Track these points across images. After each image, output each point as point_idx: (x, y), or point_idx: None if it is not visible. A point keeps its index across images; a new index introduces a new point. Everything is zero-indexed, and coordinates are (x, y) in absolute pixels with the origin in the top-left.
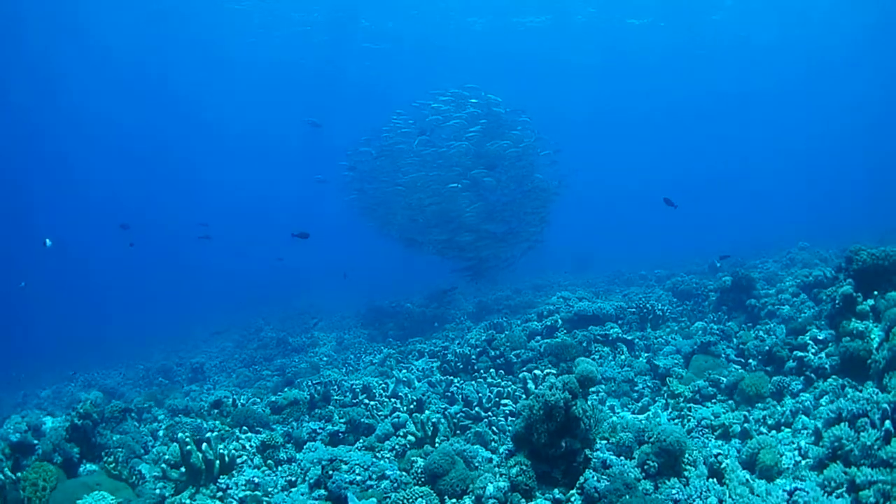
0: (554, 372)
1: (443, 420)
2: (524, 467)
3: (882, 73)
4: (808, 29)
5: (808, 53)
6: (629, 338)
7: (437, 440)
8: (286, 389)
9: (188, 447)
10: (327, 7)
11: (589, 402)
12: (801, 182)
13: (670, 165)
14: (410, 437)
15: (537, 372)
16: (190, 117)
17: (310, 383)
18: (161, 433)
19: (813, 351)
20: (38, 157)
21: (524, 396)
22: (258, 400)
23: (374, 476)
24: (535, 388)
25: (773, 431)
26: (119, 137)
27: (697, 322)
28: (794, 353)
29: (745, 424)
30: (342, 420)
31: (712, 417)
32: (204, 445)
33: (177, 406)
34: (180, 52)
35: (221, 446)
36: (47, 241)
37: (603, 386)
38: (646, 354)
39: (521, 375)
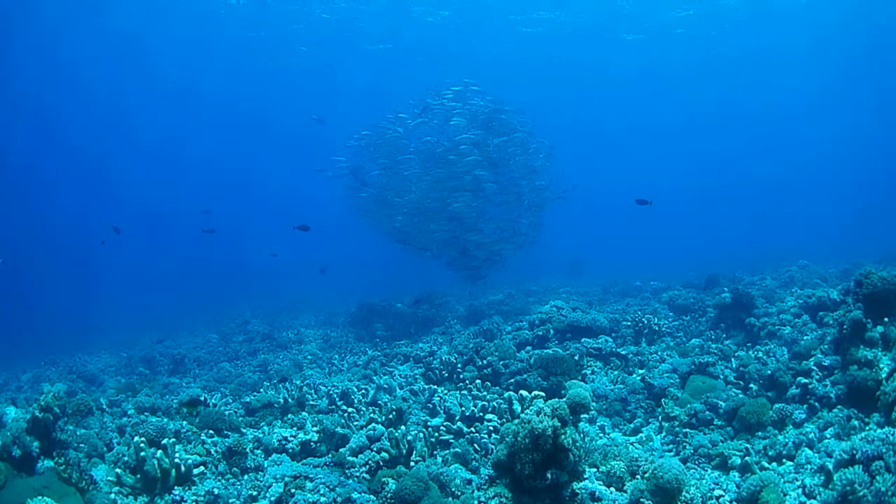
0: (542, 395)
1: (420, 437)
2: (504, 500)
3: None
4: (810, 45)
5: (814, 69)
6: (623, 352)
7: (412, 459)
8: (261, 390)
9: (143, 453)
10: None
11: (580, 430)
12: (800, 196)
13: (671, 175)
14: (384, 454)
15: (524, 392)
16: (186, 104)
17: (287, 386)
18: (128, 431)
19: (817, 377)
20: (42, 143)
21: (509, 416)
22: (230, 400)
23: (339, 499)
24: (521, 410)
25: (774, 464)
26: (122, 125)
27: (694, 339)
28: (798, 379)
29: (747, 458)
30: (315, 429)
31: (710, 445)
32: (160, 452)
33: (143, 403)
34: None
35: (180, 453)
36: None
37: (594, 403)
38: (640, 371)
39: (506, 395)
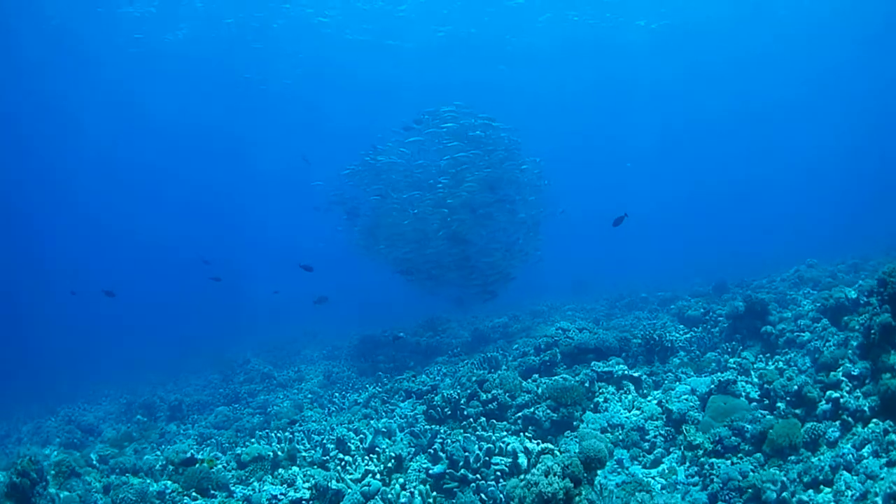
0: (551, 448)
1: (419, 494)
2: None
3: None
4: (809, 40)
5: (806, 64)
6: (636, 374)
7: None
8: (253, 441)
9: None
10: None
11: (597, 487)
12: (799, 194)
13: (664, 184)
14: None
15: (529, 445)
16: (173, 138)
17: (279, 434)
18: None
19: (847, 389)
20: (35, 189)
21: (514, 464)
22: (220, 454)
23: None
24: (528, 465)
25: (811, 492)
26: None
27: (709, 353)
28: (828, 393)
29: (784, 493)
30: (306, 485)
31: (740, 478)
32: None
33: (124, 464)
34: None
35: None
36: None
37: (609, 435)
38: (655, 393)
39: (510, 447)
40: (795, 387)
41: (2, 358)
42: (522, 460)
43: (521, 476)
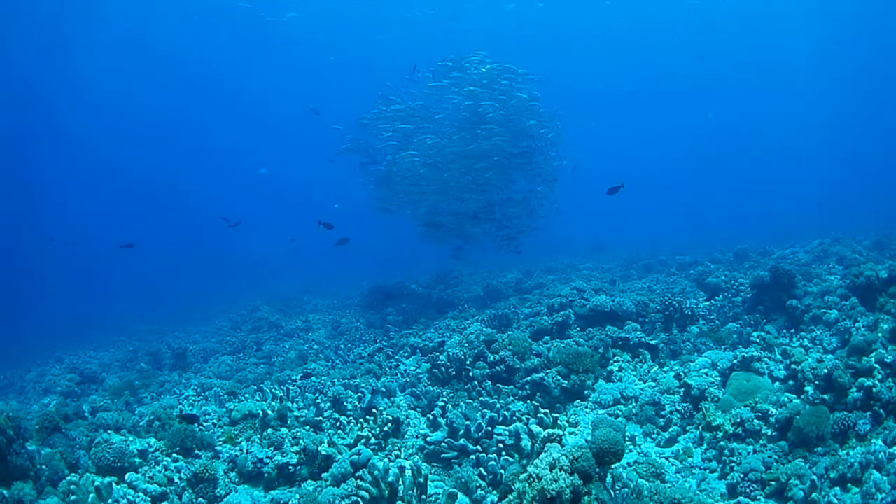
0: (559, 435)
1: (409, 470)
2: None
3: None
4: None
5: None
6: (653, 342)
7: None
8: (247, 397)
9: (73, 497)
10: None
11: (609, 483)
12: (815, 165)
13: (678, 147)
14: (364, 494)
15: (535, 427)
16: (205, 86)
17: (273, 391)
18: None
19: (879, 377)
20: (54, 139)
21: (517, 446)
22: (217, 408)
23: None
24: (532, 448)
25: (838, 490)
26: (134, 113)
27: (730, 323)
28: (860, 380)
29: (814, 494)
30: (294, 449)
31: (762, 469)
32: (92, 497)
33: (106, 421)
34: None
35: (139, 482)
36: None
37: (622, 407)
38: (672, 363)
39: (512, 427)
40: (825, 370)
41: (17, 308)
42: (526, 443)
43: (523, 462)
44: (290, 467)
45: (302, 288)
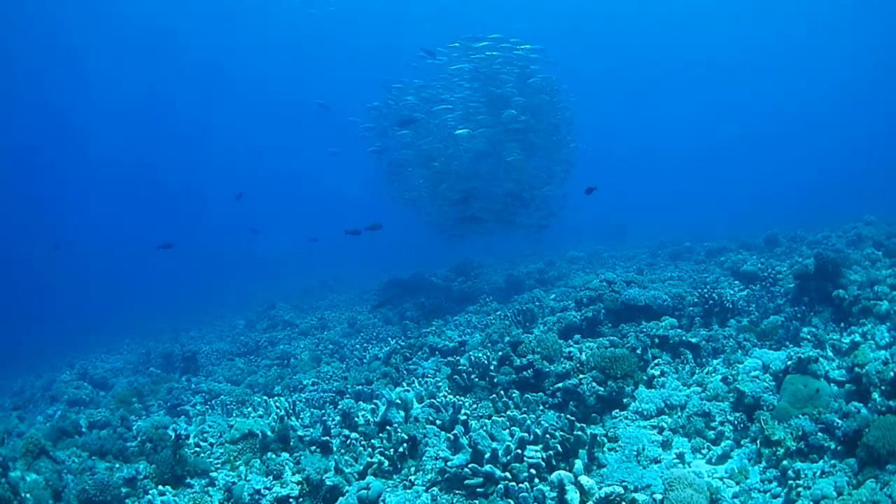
0: (620, 497)
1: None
2: None
3: None
4: None
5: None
6: (694, 340)
7: None
8: (252, 410)
9: None
10: None
11: None
12: (834, 149)
13: (699, 131)
14: None
15: (584, 480)
16: (213, 84)
17: (275, 403)
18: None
19: None
20: (60, 142)
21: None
22: (216, 423)
23: None
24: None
25: None
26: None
27: (772, 315)
28: None
29: None
30: (295, 479)
31: (835, 495)
32: None
33: (90, 444)
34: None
35: None
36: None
37: (667, 418)
38: (716, 363)
39: (554, 476)
40: (892, 373)
41: (33, 311)
42: (573, 497)
43: None
44: (291, 500)
45: (319, 282)
